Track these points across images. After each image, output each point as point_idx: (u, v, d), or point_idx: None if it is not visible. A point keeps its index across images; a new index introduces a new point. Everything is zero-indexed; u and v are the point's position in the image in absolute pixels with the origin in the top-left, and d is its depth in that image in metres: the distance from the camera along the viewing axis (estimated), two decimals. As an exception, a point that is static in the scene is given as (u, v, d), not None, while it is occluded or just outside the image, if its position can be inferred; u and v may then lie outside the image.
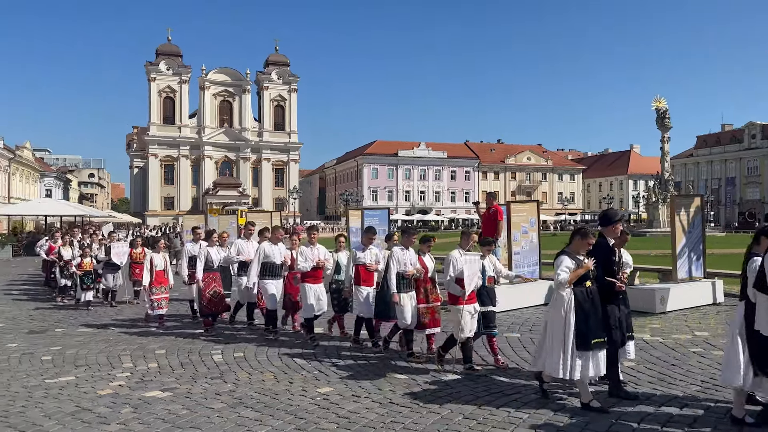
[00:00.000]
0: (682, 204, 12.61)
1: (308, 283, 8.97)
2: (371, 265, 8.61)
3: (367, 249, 8.72)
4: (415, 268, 7.79)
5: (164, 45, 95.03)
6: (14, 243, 34.37)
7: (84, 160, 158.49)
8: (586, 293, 5.66)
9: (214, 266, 10.18)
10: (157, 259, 11.17)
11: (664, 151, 50.67)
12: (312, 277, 8.97)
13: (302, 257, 8.94)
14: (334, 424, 5.43)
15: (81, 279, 13.13)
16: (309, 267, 8.92)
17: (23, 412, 5.93)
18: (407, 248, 7.97)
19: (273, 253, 9.63)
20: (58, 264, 14.71)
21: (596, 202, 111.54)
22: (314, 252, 9.06)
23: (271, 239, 9.77)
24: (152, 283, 10.88)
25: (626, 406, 5.75)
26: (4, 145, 64.48)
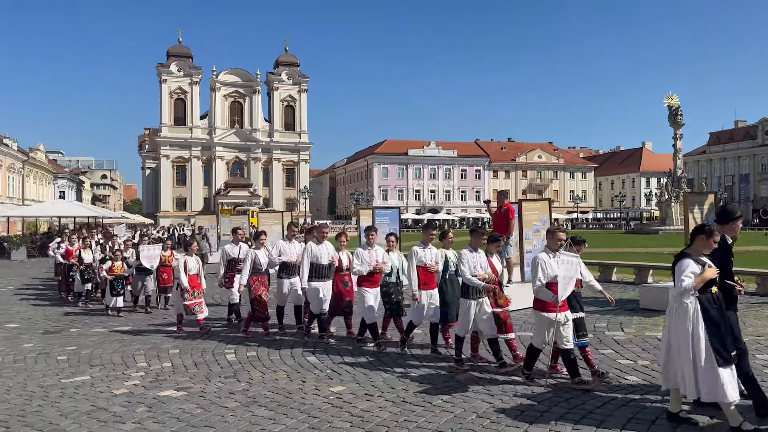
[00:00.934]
0: (695, 201, 12.52)
1: (366, 288, 8.53)
2: (432, 265, 7.99)
3: (427, 247, 8.08)
4: (485, 272, 7.15)
5: (175, 46, 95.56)
6: (29, 244, 34.70)
7: (96, 161, 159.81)
8: (712, 299, 5.00)
9: (262, 269, 9.66)
10: (190, 263, 10.36)
11: (677, 148, 50.24)
12: (369, 281, 8.53)
13: (358, 260, 8.44)
14: (347, 423, 5.45)
15: (111, 284, 12.35)
16: (365, 270, 8.44)
17: (40, 411, 6.00)
18: (476, 250, 7.31)
19: (320, 254, 9.17)
20: (79, 267, 14.05)
21: (608, 200, 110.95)
22: (372, 254, 8.55)
23: (317, 239, 9.32)
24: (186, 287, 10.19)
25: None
26: (18, 147, 65.13)
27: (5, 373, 7.66)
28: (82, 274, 13.92)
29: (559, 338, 6.32)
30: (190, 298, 10.12)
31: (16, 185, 63.18)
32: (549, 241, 6.64)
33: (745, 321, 9.95)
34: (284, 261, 9.68)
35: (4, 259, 32.41)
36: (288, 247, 9.79)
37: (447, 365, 7.40)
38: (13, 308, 13.80)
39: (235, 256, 10.84)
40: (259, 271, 9.60)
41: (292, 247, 9.82)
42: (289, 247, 9.79)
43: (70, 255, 14.71)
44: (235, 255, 10.87)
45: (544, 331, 6.39)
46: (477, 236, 7.38)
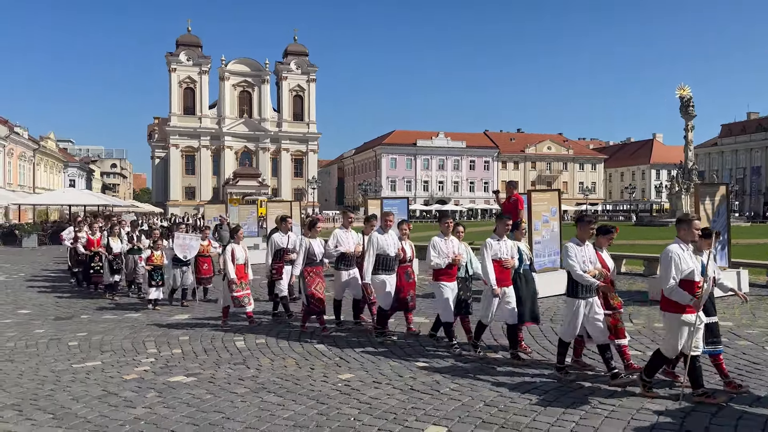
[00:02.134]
0: (706, 193, 12.41)
1: (443, 282, 7.71)
2: (508, 260, 7.14)
3: (501, 240, 7.28)
4: (595, 268, 6.23)
5: (184, 36, 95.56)
6: (40, 232, 34.98)
7: (106, 150, 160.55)
8: None
9: (317, 259, 9.00)
10: (238, 252, 9.70)
11: (688, 139, 49.77)
12: (447, 274, 7.69)
13: (435, 251, 7.64)
14: (355, 410, 5.48)
15: (150, 275, 11.66)
16: (444, 263, 7.65)
17: (52, 396, 6.07)
18: (583, 242, 6.32)
19: (387, 244, 8.37)
20: (107, 258, 13.21)
21: (618, 192, 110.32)
22: (449, 245, 7.76)
23: (383, 227, 8.50)
24: (233, 278, 9.53)
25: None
26: (29, 136, 65.50)
27: (18, 358, 7.76)
28: (110, 264, 13.15)
29: (692, 342, 5.52)
30: (238, 290, 9.55)
31: (27, 173, 63.61)
32: (682, 232, 5.75)
33: (755, 313, 9.91)
34: (342, 252, 9.04)
35: (15, 246, 32.72)
36: (345, 237, 9.13)
37: (447, 354, 7.41)
38: (25, 294, 13.95)
39: (283, 246, 10.24)
40: (313, 261, 8.95)
41: (349, 236, 9.20)
42: (346, 237, 9.14)
43: (92, 244, 13.80)
44: (283, 245, 10.26)
45: (678, 336, 5.51)
46: (585, 226, 6.36)
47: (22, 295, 13.93)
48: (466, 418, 5.21)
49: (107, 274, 13.21)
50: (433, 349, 7.75)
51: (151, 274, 11.66)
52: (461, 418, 5.23)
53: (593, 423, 5.04)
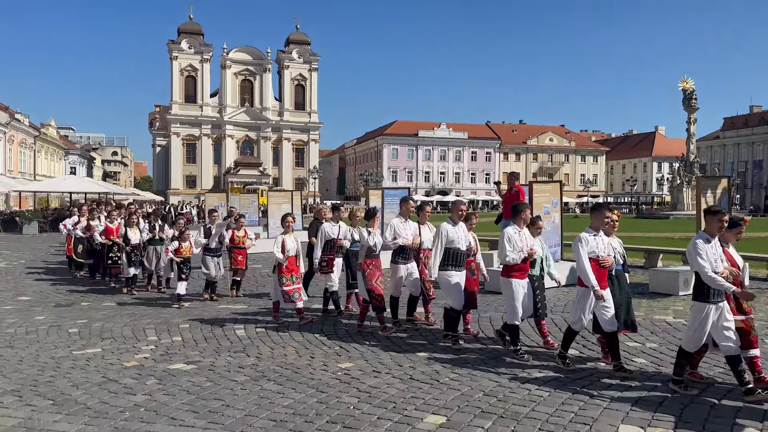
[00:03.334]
0: (708, 185, 12.39)
1: (515, 278, 6.82)
2: (606, 259, 6.20)
3: (599, 235, 6.26)
4: (726, 268, 5.52)
5: (186, 23, 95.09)
6: (40, 219, 35.01)
7: (107, 138, 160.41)
8: None
9: (377, 251, 8.37)
10: (289, 242, 8.94)
11: (690, 132, 49.70)
12: (520, 270, 6.85)
13: (510, 245, 6.75)
14: (355, 398, 5.49)
15: (179, 267, 10.77)
16: (520, 258, 6.78)
17: (52, 382, 6.09)
18: (713, 238, 5.55)
19: (457, 237, 7.47)
20: (125, 249, 12.35)
21: (619, 185, 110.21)
22: (523, 237, 6.91)
23: (452, 218, 7.63)
24: (283, 271, 8.81)
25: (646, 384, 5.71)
26: (30, 123, 65.39)
27: (18, 344, 7.77)
28: (128, 256, 12.25)
29: None
30: (288, 284, 8.81)
31: (27, 160, 63.57)
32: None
33: (755, 306, 9.90)
34: (401, 244, 8.24)
35: (15, 233, 32.75)
36: (403, 228, 8.35)
37: (447, 345, 7.41)
38: (25, 281, 13.97)
39: (334, 236, 9.51)
40: (373, 253, 8.33)
41: (407, 227, 8.41)
42: (404, 227, 8.36)
43: (110, 233, 13.00)
44: (334, 235, 9.53)
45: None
46: (713, 219, 5.55)
47: (23, 281, 13.95)
48: (465, 408, 5.22)
49: (125, 267, 12.37)
50: (434, 339, 7.76)
51: (180, 268, 10.72)
52: (460, 407, 5.24)
53: (592, 413, 5.05)
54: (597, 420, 4.92)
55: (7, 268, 16.70)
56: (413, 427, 4.82)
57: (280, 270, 8.83)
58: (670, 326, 8.50)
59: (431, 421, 4.94)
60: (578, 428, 4.77)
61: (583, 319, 6.26)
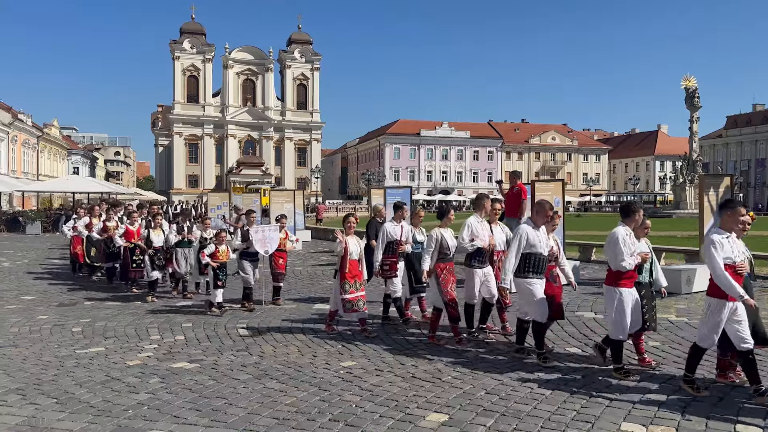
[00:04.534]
0: (711, 184, 12.38)
1: (624, 287, 6.03)
2: (743, 265, 5.54)
3: (731, 236, 5.56)
4: None
5: (188, 23, 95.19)
6: (43, 219, 35.09)
7: (110, 138, 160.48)
8: None
9: (450, 254, 7.59)
10: (352, 244, 8.14)
11: (693, 131, 49.57)
12: (629, 278, 6.07)
13: (625, 247, 5.96)
14: (357, 397, 5.50)
15: (215, 273, 9.80)
16: (634, 263, 6.04)
17: (55, 381, 6.11)
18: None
19: (539, 241, 6.64)
20: (147, 253, 11.52)
21: (622, 183, 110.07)
22: (635, 241, 6.19)
23: (534, 219, 6.79)
24: (346, 276, 8.02)
25: (650, 383, 5.71)
26: (33, 123, 65.50)
27: (22, 343, 7.80)
28: (152, 260, 11.47)
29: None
30: (352, 290, 8.00)
31: (30, 161, 63.68)
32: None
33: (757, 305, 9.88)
34: (478, 247, 7.47)
35: (19, 233, 32.82)
36: (481, 228, 7.59)
37: (449, 344, 7.42)
38: (29, 281, 14.01)
39: (396, 237, 8.67)
40: (446, 256, 7.56)
41: (484, 226, 7.68)
42: (482, 228, 7.60)
43: (131, 236, 12.16)
44: (396, 236, 8.68)
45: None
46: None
47: (26, 281, 13.99)
48: (467, 406, 5.23)
49: (148, 271, 11.55)
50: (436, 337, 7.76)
51: (216, 273, 9.80)
52: (462, 405, 5.24)
53: (594, 412, 5.06)
54: (599, 418, 4.92)
55: (10, 267, 16.75)
56: (415, 425, 4.83)
57: (342, 275, 8.03)
58: (672, 325, 8.50)
59: (433, 419, 4.95)
60: (580, 426, 4.77)
61: (715, 336, 5.44)
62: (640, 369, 6.23)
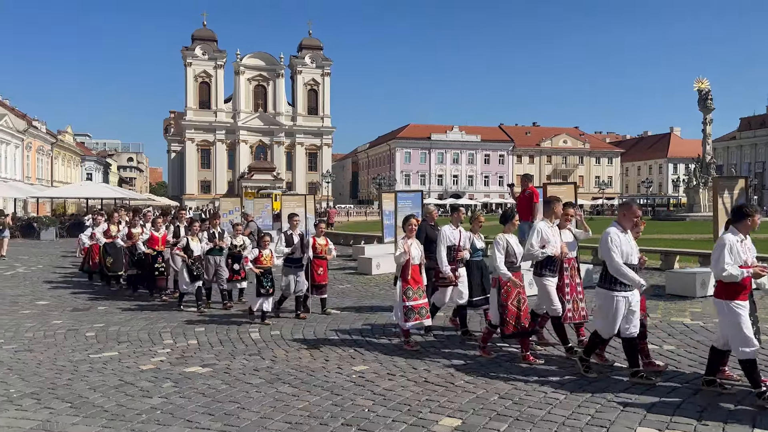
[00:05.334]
0: (725, 186, 12.24)
1: (740, 301, 5.37)
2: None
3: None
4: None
5: (200, 30, 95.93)
6: (58, 225, 35.43)
7: (123, 144, 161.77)
8: None
9: (517, 262, 6.91)
10: (414, 249, 7.59)
11: (706, 133, 49.17)
12: (743, 289, 5.40)
13: (731, 255, 5.34)
14: (370, 401, 5.48)
15: (259, 280, 9.25)
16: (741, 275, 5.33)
17: (69, 385, 6.14)
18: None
19: (630, 248, 5.93)
20: (186, 262, 10.56)
21: (634, 186, 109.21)
22: (745, 248, 5.50)
23: (621, 223, 6.04)
24: (409, 282, 7.48)
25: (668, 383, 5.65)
26: (47, 130, 66.26)
27: (36, 347, 7.86)
28: (189, 270, 10.60)
29: None
30: (416, 297, 7.44)
31: (45, 167, 64.39)
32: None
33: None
34: (549, 254, 6.86)
35: (33, 239, 33.14)
36: (552, 234, 6.95)
37: (461, 348, 7.38)
38: (43, 286, 14.13)
39: (455, 242, 7.95)
40: (512, 265, 6.83)
41: (555, 231, 7.03)
42: (553, 234, 6.96)
43: (156, 243, 11.90)
44: (455, 240, 7.96)
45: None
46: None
47: (40, 286, 14.11)
48: (480, 411, 5.19)
49: (185, 281, 10.62)
50: (448, 342, 7.74)
51: (260, 280, 9.22)
52: (475, 410, 5.21)
53: (609, 416, 5.00)
54: (614, 422, 4.87)
55: (25, 273, 16.91)
56: (428, 430, 4.80)
57: (404, 281, 7.47)
58: (687, 328, 8.42)
59: (446, 423, 4.92)
60: (595, 431, 4.72)
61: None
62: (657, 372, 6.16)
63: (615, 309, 5.86)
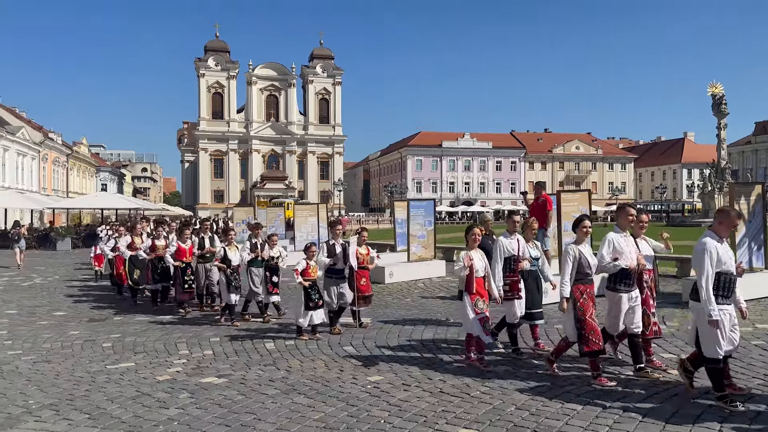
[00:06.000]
0: (741, 192, 12.12)
1: None
2: None
3: None
4: None
5: (212, 41, 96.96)
6: (73, 236, 35.79)
7: (137, 155, 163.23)
8: None
9: (591, 274, 6.39)
10: (477, 260, 7.01)
11: (721, 138, 48.73)
12: None
13: None
14: (385, 412, 5.47)
15: (307, 293, 8.87)
16: None
17: (87, 396, 6.19)
18: None
19: (727, 257, 5.44)
20: (224, 272, 10.19)
21: (648, 192, 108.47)
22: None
23: (717, 231, 5.53)
24: (476, 294, 7.01)
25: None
26: (63, 142, 67.10)
27: (54, 358, 7.93)
28: (228, 281, 10.19)
29: None
30: (486, 309, 6.97)
31: (60, 178, 65.14)
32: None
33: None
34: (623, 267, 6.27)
35: (50, 249, 33.49)
36: (625, 244, 6.38)
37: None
38: (60, 297, 14.27)
39: (514, 253, 7.49)
40: (586, 277, 6.34)
41: (629, 241, 6.46)
42: (626, 244, 6.39)
43: (183, 254, 11.57)
44: (514, 250, 7.50)
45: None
46: None
47: (57, 297, 14.25)
48: (497, 422, 5.16)
49: (225, 293, 10.22)
50: (463, 353, 7.69)
51: (308, 293, 8.82)
52: (492, 421, 5.18)
53: (627, 427, 4.95)
54: (633, 434, 4.82)
55: (42, 284, 17.08)
56: (445, 441, 4.78)
57: (471, 294, 6.98)
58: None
59: (463, 434, 4.90)
60: (613, 442, 4.68)
61: None
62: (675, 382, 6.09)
63: None
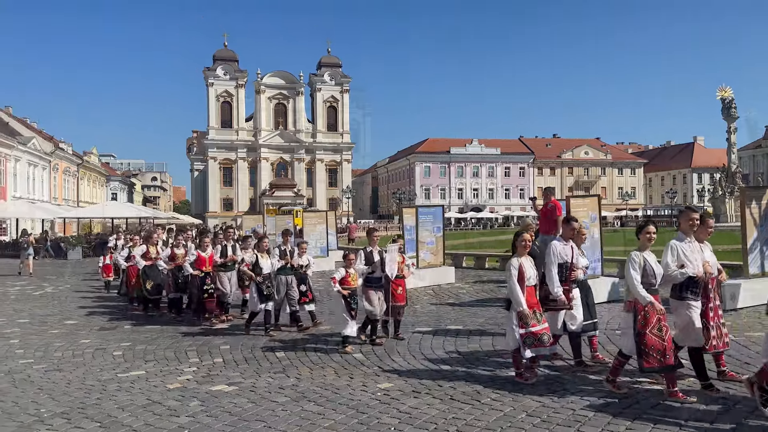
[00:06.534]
0: (753, 196, 12.02)
1: None
2: None
3: None
4: None
5: (221, 50, 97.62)
6: (84, 245, 36.04)
7: (147, 164, 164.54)
8: None
9: (656, 283, 5.88)
10: (528, 268, 6.52)
11: (731, 142, 48.44)
12: None
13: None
14: (395, 420, 5.45)
15: (347, 302, 8.65)
16: None
17: (99, 404, 6.21)
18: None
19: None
20: (254, 281, 9.93)
21: (658, 197, 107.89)
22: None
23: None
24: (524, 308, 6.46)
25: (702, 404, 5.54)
26: (73, 151, 67.69)
27: (65, 367, 7.97)
28: (259, 289, 9.90)
29: None
30: (534, 323, 6.39)
31: (71, 188, 65.66)
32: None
33: None
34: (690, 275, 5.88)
35: (61, 258, 33.73)
36: (690, 251, 6.00)
37: (487, 364, 7.31)
38: (71, 305, 14.35)
39: (568, 259, 6.87)
40: (651, 287, 5.85)
41: (695, 249, 6.06)
42: (691, 251, 6.01)
43: (203, 263, 11.37)
44: (567, 257, 6.88)
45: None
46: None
47: (68, 305, 14.33)
48: (508, 429, 5.13)
49: (254, 302, 9.94)
50: (474, 359, 7.67)
51: (348, 302, 8.63)
52: (503, 428, 5.15)
53: (640, 434, 4.91)
54: (645, 440, 4.78)
55: (53, 293, 17.20)
56: (456, 449, 4.75)
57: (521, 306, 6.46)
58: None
59: (474, 442, 4.87)
60: (626, 449, 4.63)
61: None
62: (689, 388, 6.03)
63: None
